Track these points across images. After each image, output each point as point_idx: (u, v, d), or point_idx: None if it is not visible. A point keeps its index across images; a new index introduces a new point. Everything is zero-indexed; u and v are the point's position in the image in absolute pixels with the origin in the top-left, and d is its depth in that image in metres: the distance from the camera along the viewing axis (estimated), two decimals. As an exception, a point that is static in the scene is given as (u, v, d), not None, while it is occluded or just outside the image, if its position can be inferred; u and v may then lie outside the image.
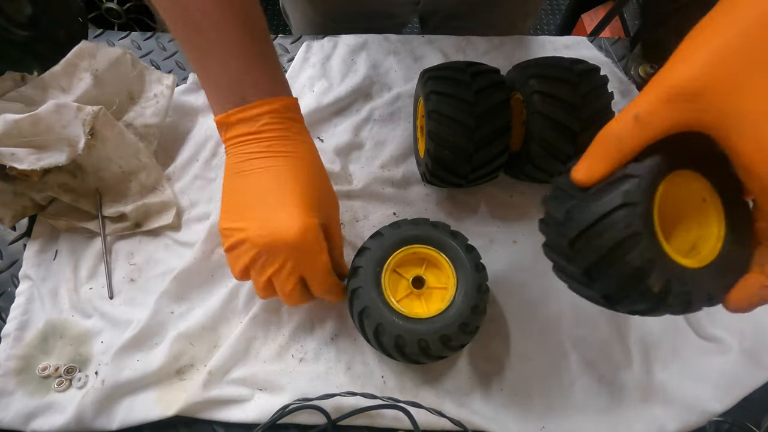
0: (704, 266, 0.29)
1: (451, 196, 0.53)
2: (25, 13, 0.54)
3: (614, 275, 0.28)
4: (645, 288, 0.27)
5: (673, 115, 0.25)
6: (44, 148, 0.46)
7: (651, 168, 0.27)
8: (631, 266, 0.27)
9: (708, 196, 0.30)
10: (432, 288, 0.43)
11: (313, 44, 0.61)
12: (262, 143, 0.37)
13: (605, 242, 0.27)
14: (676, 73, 0.25)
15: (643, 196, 0.27)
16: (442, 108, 0.44)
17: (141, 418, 0.42)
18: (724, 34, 0.24)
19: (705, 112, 0.25)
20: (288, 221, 0.36)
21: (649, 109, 0.26)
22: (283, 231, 0.36)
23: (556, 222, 0.30)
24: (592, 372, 0.44)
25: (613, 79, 0.58)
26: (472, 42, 0.62)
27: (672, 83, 0.25)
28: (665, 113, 0.26)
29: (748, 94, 0.24)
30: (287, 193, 0.37)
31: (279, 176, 0.37)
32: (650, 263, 0.27)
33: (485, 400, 0.43)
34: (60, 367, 0.44)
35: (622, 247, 0.27)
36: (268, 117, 0.37)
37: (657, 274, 0.27)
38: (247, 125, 0.37)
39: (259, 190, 0.37)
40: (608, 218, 0.27)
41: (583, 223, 0.28)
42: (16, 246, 0.51)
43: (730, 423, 0.42)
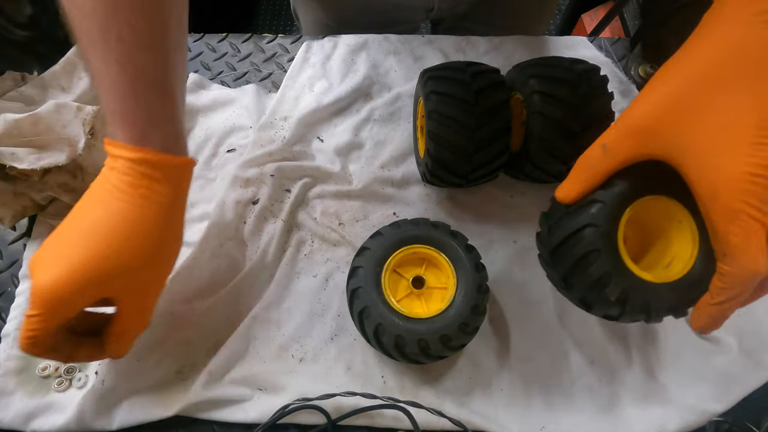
0: (671, 281, 0.33)
1: (451, 196, 0.53)
2: (25, 13, 0.54)
3: (582, 283, 0.34)
4: (605, 296, 0.33)
5: (633, 146, 0.30)
6: (44, 148, 0.46)
7: (616, 195, 0.33)
8: (593, 277, 0.33)
9: (684, 218, 0.34)
10: (432, 288, 0.43)
11: (313, 44, 0.61)
12: (108, 185, 0.35)
13: (574, 255, 0.33)
14: (636, 111, 0.30)
15: (605, 219, 0.33)
16: (442, 108, 0.44)
17: (141, 418, 0.42)
18: (677, 79, 0.29)
19: (659, 145, 0.29)
20: (48, 274, 0.33)
21: (614, 141, 0.31)
22: (40, 281, 0.34)
23: (543, 235, 0.37)
24: (592, 372, 0.44)
25: (613, 79, 0.58)
26: (472, 42, 0.62)
27: (632, 120, 0.30)
28: (627, 145, 0.30)
29: (692, 132, 0.28)
30: (75, 251, 0.34)
31: (89, 229, 0.35)
32: (607, 275, 0.32)
33: (485, 400, 0.43)
34: (60, 367, 0.44)
35: (586, 260, 0.33)
36: (122, 163, 0.34)
37: (614, 285, 0.32)
38: (111, 160, 0.35)
39: (68, 234, 0.35)
40: (577, 235, 0.33)
41: (559, 238, 0.34)
42: (16, 246, 0.51)
43: (730, 423, 0.42)
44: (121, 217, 0.35)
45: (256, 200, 0.52)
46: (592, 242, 0.33)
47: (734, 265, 0.28)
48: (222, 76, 0.61)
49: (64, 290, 0.33)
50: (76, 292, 0.34)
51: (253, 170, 0.52)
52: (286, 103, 0.57)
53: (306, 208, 0.52)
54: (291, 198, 0.51)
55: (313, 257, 0.50)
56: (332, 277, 0.49)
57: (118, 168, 0.34)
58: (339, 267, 0.49)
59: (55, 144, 0.46)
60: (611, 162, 0.31)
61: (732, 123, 0.27)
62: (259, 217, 0.51)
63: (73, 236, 0.35)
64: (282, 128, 0.55)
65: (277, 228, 0.50)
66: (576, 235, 0.33)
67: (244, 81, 0.60)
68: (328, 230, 0.50)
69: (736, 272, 0.29)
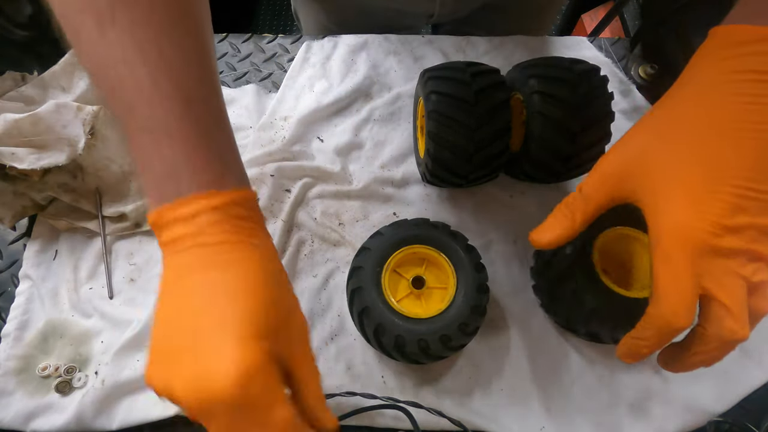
0: (642, 297, 0.38)
1: (451, 196, 0.53)
2: (25, 13, 0.54)
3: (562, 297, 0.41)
4: (582, 306, 0.39)
5: (607, 191, 0.32)
6: (44, 148, 0.46)
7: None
8: (571, 288, 0.40)
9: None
10: (432, 288, 0.43)
11: (313, 44, 0.61)
12: (200, 250, 0.28)
13: (555, 270, 0.41)
14: (611, 158, 0.33)
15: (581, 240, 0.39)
16: (442, 108, 0.44)
17: (141, 417, 0.42)
18: (646, 131, 0.32)
19: (627, 190, 0.31)
20: (222, 365, 0.25)
21: (590, 186, 0.33)
22: (216, 382, 0.25)
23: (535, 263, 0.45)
24: (592, 372, 0.44)
25: (613, 79, 0.58)
26: (472, 42, 0.62)
27: (606, 167, 0.33)
28: (602, 190, 0.33)
29: (651, 181, 0.30)
30: (225, 322, 0.26)
31: (216, 298, 0.27)
32: (583, 287, 0.39)
33: (485, 400, 0.43)
34: (60, 367, 0.44)
35: (565, 274, 0.40)
36: (208, 215, 0.28)
37: (590, 297, 0.39)
38: (184, 226, 0.28)
39: (192, 320, 0.27)
40: (558, 254, 0.41)
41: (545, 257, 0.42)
42: (16, 246, 0.51)
43: (730, 423, 0.42)
44: (249, 269, 0.28)
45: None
46: (570, 258, 0.39)
47: (655, 308, 0.29)
48: (222, 76, 0.61)
49: (251, 377, 0.25)
50: (264, 371, 0.26)
51: (253, 170, 0.52)
52: (286, 103, 0.57)
53: (306, 208, 0.52)
54: (291, 198, 0.51)
55: (313, 257, 0.50)
56: (332, 277, 0.49)
57: (201, 225, 0.28)
58: (339, 267, 0.49)
59: (55, 144, 0.46)
60: (588, 206, 0.33)
61: (683, 177, 0.29)
62: (259, 217, 0.51)
63: (209, 318, 0.26)
64: (282, 128, 0.55)
65: (277, 228, 0.50)
66: (557, 253, 0.40)
67: (244, 81, 0.60)
68: (328, 230, 0.50)
69: (654, 315, 0.29)
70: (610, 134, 0.46)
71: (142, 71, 0.27)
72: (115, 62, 0.27)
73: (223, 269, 0.28)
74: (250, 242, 0.29)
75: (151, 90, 0.28)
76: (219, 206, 0.28)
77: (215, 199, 0.28)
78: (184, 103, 0.28)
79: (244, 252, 0.29)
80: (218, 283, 0.28)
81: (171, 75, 0.28)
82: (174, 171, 0.28)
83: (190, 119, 0.29)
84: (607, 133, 0.45)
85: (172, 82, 0.28)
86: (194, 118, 0.29)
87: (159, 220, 0.28)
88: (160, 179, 0.28)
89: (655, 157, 0.30)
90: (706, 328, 0.29)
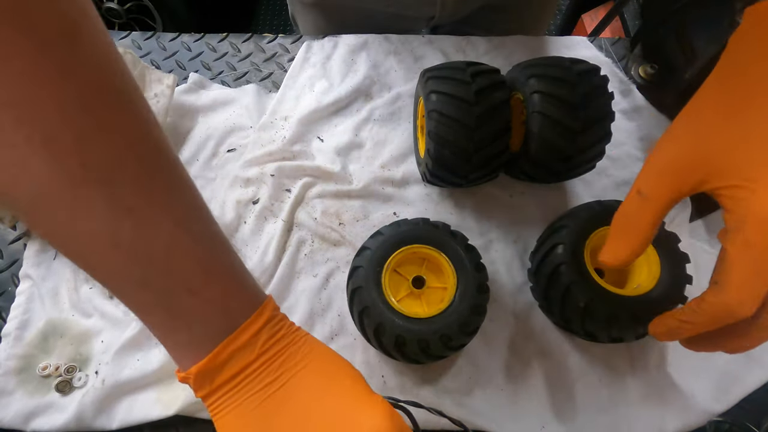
0: (633, 296, 0.39)
1: (451, 196, 0.53)
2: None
3: (555, 294, 0.41)
4: (575, 303, 0.39)
5: (671, 185, 0.30)
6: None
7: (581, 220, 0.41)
8: (563, 285, 0.40)
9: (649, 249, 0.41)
10: (432, 288, 0.43)
11: (313, 44, 0.61)
12: (273, 364, 0.27)
13: (549, 268, 0.41)
14: (667, 150, 0.30)
15: (572, 238, 0.41)
16: (442, 108, 0.44)
17: (141, 417, 0.42)
18: (705, 114, 0.29)
19: (696, 179, 0.29)
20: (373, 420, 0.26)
21: (650, 185, 0.30)
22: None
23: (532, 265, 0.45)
24: (592, 372, 0.44)
25: (613, 79, 0.58)
26: (472, 42, 0.62)
27: (664, 159, 0.30)
28: (665, 185, 0.30)
29: (727, 163, 0.28)
30: (355, 393, 0.28)
31: (329, 384, 0.28)
32: (575, 283, 0.40)
33: (485, 400, 0.43)
34: (60, 367, 0.44)
35: (558, 271, 0.41)
36: (267, 331, 0.28)
37: (581, 293, 0.39)
38: (246, 353, 0.27)
39: (315, 420, 0.27)
40: (551, 252, 0.42)
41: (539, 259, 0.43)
42: (17, 245, 0.51)
43: (729, 423, 0.42)
44: (322, 349, 0.29)
45: (256, 200, 0.52)
46: (561, 256, 0.41)
47: (719, 295, 0.28)
48: (222, 76, 0.61)
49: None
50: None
51: (253, 170, 0.52)
52: (286, 102, 0.57)
53: (306, 208, 0.52)
54: (291, 198, 0.51)
55: (313, 257, 0.50)
56: (332, 276, 0.49)
57: (263, 342, 0.27)
58: (339, 267, 0.49)
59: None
60: (653, 207, 0.30)
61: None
62: (259, 217, 0.51)
63: (331, 406, 0.27)
64: (282, 128, 0.55)
65: (277, 228, 0.50)
66: (551, 252, 0.42)
67: (244, 81, 0.60)
68: (329, 230, 0.50)
69: (715, 302, 0.28)
70: (610, 134, 0.46)
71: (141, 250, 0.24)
72: (105, 248, 0.24)
73: (306, 364, 0.28)
74: (303, 333, 0.29)
75: (164, 262, 0.25)
76: (269, 318, 0.28)
77: (264, 313, 0.28)
78: (205, 252, 0.26)
79: (311, 344, 0.29)
80: (318, 373, 0.28)
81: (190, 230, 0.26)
82: (222, 311, 0.27)
83: (226, 263, 0.27)
84: (607, 133, 0.45)
85: (196, 240, 0.25)
86: (225, 263, 0.27)
87: (213, 363, 0.26)
88: (206, 327, 0.26)
89: (733, 139, 0.28)
90: (761, 321, 0.28)
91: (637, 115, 0.57)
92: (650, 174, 0.31)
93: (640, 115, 0.57)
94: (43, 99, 0.20)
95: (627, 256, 0.32)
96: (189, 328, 0.26)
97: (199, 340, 0.26)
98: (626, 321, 0.39)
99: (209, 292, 0.26)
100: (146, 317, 0.26)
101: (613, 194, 0.52)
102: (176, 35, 0.63)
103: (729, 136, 0.28)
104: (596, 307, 0.39)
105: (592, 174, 0.51)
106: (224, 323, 0.27)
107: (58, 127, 0.21)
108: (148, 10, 1.38)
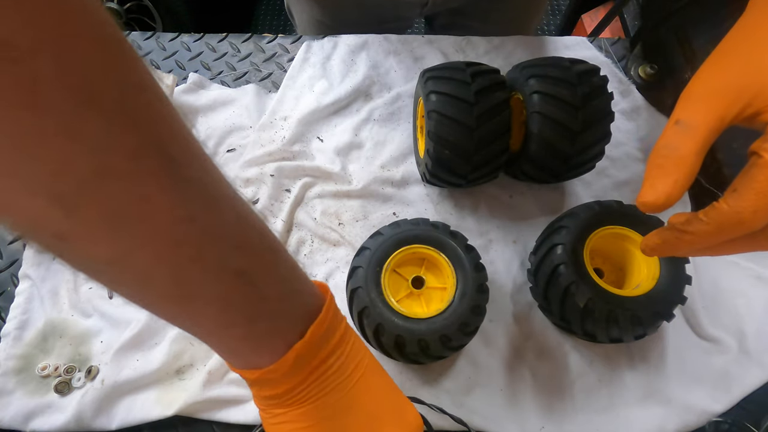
0: (633, 296, 0.39)
1: (451, 196, 0.53)
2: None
3: (555, 294, 0.41)
4: (575, 303, 0.40)
5: (718, 110, 0.27)
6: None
7: (581, 220, 0.41)
8: (562, 285, 0.40)
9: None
10: (432, 288, 0.43)
11: (313, 44, 0.61)
12: (350, 351, 0.28)
13: (548, 268, 0.41)
14: (708, 73, 0.28)
15: (571, 239, 0.41)
16: (442, 108, 0.44)
17: (140, 417, 0.42)
18: (756, 34, 0.27)
19: (744, 101, 0.26)
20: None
21: (692, 113, 0.27)
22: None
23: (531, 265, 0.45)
24: (591, 372, 0.44)
25: (613, 79, 0.58)
26: (472, 42, 0.62)
27: (706, 85, 0.28)
28: (710, 111, 0.27)
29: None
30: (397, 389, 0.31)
31: (383, 381, 0.30)
32: (574, 284, 0.40)
33: (485, 400, 0.43)
34: (60, 367, 0.44)
35: (557, 271, 0.41)
36: (338, 312, 0.29)
37: (581, 293, 0.39)
38: (329, 337, 0.27)
39: (382, 416, 0.29)
40: (550, 253, 0.42)
41: (538, 259, 0.43)
42: (16, 245, 0.51)
43: (729, 423, 0.42)
44: (378, 382, 0.30)
45: (256, 200, 0.52)
46: (561, 257, 0.41)
47: (732, 201, 0.25)
48: (222, 76, 0.61)
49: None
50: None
51: (253, 170, 0.52)
52: (286, 103, 0.57)
53: (306, 208, 0.52)
54: (291, 198, 0.51)
55: (313, 257, 0.50)
56: (332, 277, 0.49)
57: (332, 342, 0.27)
58: (339, 267, 0.49)
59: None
60: (697, 135, 0.27)
61: None
62: (259, 217, 0.51)
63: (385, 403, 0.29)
64: (282, 128, 0.55)
65: (277, 228, 0.50)
66: (550, 252, 0.42)
67: (244, 81, 0.60)
68: (328, 230, 0.50)
69: (726, 210, 0.25)
70: (610, 134, 0.46)
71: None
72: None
73: (363, 369, 0.29)
74: (355, 334, 0.30)
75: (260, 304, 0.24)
76: (332, 301, 0.28)
77: (331, 300, 0.28)
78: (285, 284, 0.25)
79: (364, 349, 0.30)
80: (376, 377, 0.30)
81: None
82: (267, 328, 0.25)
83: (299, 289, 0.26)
84: (607, 133, 0.45)
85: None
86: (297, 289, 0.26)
87: (309, 344, 0.26)
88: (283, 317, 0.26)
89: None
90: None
91: (636, 116, 0.57)
92: (690, 101, 0.28)
93: (639, 116, 0.57)
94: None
95: (671, 190, 0.27)
96: (271, 317, 0.25)
97: (285, 328, 0.25)
98: (626, 321, 0.39)
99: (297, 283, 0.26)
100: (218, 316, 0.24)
101: (613, 194, 0.52)
102: (176, 35, 0.63)
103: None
104: (596, 307, 0.39)
105: (591, 174, 0.51)
106: (306, 306, 0.26)
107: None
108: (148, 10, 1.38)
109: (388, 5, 0.66)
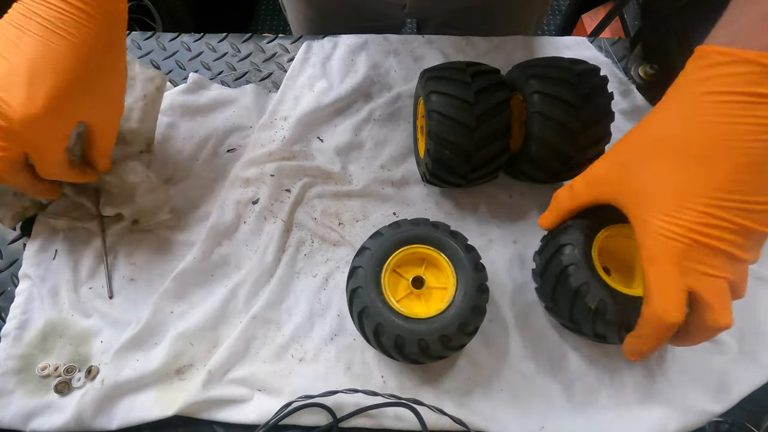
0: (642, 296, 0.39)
1: (451, 196, 0.53)
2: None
3: (564, 295, 0.40)
4: (585, 305, 0.39)
5: (591, 192, 0.38)
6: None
7: (587, 220, 0.41)
8: (573, 287, 0.39)
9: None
10: (432, 288, 0.43)
11: (313, 44, 0.61)
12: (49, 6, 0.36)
13: (557, 269, 0.40)
14: (597, 166, 0.38)
15: (580, 239, 0.40)
16: (442, 108, 0.44)
17: (140, 417, 0.42)
18: (628, 146, 0.36)
19: (609, 194, 0.36)
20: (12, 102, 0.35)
21: (579, 186, 0.39)
22: (7, 120, 0.35)
23: (536, 264, 0.44)
24: (591, 372, 0.44)
25: (613, 79, 0.58)
26: (472, 42, 0.62)
27: (592, 172, 0.38)
28: (586, 190, 0.38)
29: (631, 190, 0.34)
30: (33, 68, 0.35)
31: (35, 53, 0.35)
32: (585, 285, 0.39)
33: (485, 400, 0.43)
34: (60, 367, 0.44)
35: (566, 272, 0.39)
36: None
37: (591, 295, 0.38)
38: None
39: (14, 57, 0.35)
40: (558, 253, 0.40)
41: (545, 258, 0.42)
42: (16, 245, 0.51)
43: (729, 423, 0.42)
44: (79, 36, 0.37)
45: (256, 200, 0.52)
46: (570, 257, 0.40)
47: (648, 307, 0.33)
48: (222, 76, 0.61)
49: (34, 121, 0.36)
50: (46, 119, 0.36)
51: (253, 170, 0.52)
52: (286, 103, 0.57)
53: (306, 208, 0.52)
54: (291, 198, 0.51)
55: (313, 257, 0.50)
56: (332, 277, 0.49)
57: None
58: (339, 267, 0.49)
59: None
60: (574, 201, 0.39)
61: (660, 187, 0.32)
62: (259, 217, 0.51)
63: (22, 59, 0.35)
64: (282, 128, 0.55)
65: (277, 228, 0.50)
66: (558, 253, 0.40)
67: (244, 81, 0.60)
68: (328, 230, 0.50)
69: (648, 314, 0.33)
70: (610, 134, 0.46)
71: None
72: None
73: (51, 32, 0.35)
74: (93, 14, 0.38)
75: None
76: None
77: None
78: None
79: (80, 25, 0.37)
80: (41, 39, 0.35)
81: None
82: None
83: None
84: (607, 133, 0.45)
85: None
86: None
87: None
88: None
89: (634, 170, 0.34)
90: (693, 319, 0.32)
91: (636, 116, 0.57)
92: (583, 178, 0.39)
93: (639, 115, 0.57)
94: None
95: (552, 225, 0.42)
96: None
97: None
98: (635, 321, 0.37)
99: None
100: None
101: (613, 194, 0.52)
102: (176, 35, 0.63)
103: (635, 171, 0.34)
104: (608, 308, 0.38)
105: (592, 174, 0.51)
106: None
107: None
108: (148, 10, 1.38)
109: (369, 3, 0.67)
